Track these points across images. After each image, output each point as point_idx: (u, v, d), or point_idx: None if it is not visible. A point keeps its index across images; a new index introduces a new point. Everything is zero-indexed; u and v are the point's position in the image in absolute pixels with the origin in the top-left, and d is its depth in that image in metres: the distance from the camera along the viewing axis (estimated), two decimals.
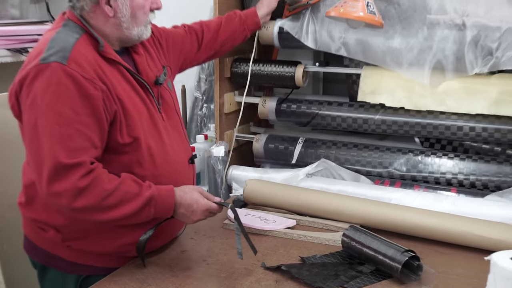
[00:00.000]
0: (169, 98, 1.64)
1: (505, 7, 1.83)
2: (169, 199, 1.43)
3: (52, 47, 1.35)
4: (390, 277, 1.46)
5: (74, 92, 1.32)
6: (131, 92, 1.47)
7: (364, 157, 2.11)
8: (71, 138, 1.31)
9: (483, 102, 1.90)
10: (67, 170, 1.30)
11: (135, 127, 1.44)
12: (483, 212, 1.76)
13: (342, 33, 2.04)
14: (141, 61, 1.58)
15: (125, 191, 1.37)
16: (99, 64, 1.39)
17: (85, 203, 1.33)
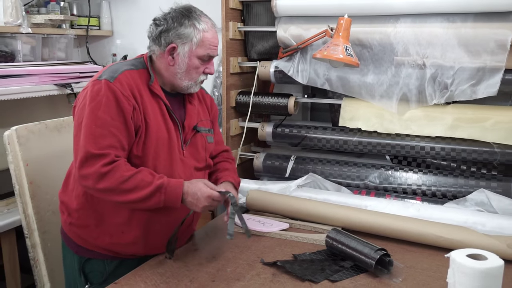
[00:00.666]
0: (202, 146, 1.62)
1: (456, 51, 1.84)
2: (177, 188, 1.40)
3: (107, 70, 1.46)
4: (366, 271, 1.44)
5: (113, 103, 1.38)
6: (160, 121, 1.48)
7: (345, 171, 2.10)
8: (104, 137, 1.37)
9: (441, 127, 1.90)
10: (94, 158, 1.35)
11: (149, 145, 1.45)
12: (442, 217, 1.74)
13: (326, 71, 2.05)
14: (191, 109, 1.60)
15: (140, 179, 1.37)
16: (140, 91, 1.45)
17: (106, 185, 1.35)
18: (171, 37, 1.46)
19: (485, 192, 1.84)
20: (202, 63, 1.51)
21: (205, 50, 1.48)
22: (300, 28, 2.07)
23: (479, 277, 1.08)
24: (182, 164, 1.53)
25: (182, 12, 1.48)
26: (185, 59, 1.48)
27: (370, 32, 1.94)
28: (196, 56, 1.48)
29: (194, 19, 1.47)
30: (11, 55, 2.52)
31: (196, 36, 1.46)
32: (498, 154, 1.86)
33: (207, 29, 1.48)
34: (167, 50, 1.47)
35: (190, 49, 1.47)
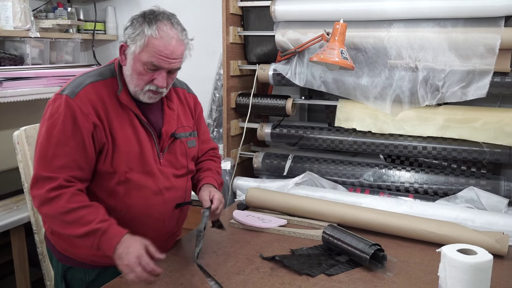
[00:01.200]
0: (181, 153, 1.49)
1: (447, 55, 1.84)
2: (114, 239, 1.23)
3: (71, 84, 1.35)
4: (361, 265, 1.44)
5: (70, 121, 1.28)
6: (129, 133, 1.37)
7: (340, 170, 2.10)
8: (57, 157, 1.27)
9: (433, 127, 1.90)
10: (43, 180, 1.26)
11: (119, 161, 1.34)
12: (434, 213, 1.74)
13: (322, 73, 2.05)
14: (170, 114, 1.47)
15: (82, 215, 1.25)
16: (105, 105, 1.34)
17: (47, 211, 1.27)
18: (125, 36, 1.34)
19: (474, 189, 1.84)
20: (148, 71, 1.33)
21: (148, 57, 1.30)
22: (297, 33, 2.07)
23: (469, 271, 1.09)
24: (160, 174, 1.42)
25: (145, 13, 1.34)
26: (130, 61, 1.33)
27: (364, 36, 1.94)
28: (139, 61, 1.31)
29: (147, 23, 1.30)
30: (20, 58, 2.52)
31: (141, 39, 1.30)
32: (487, 153, 1.87)
33: (157, 36, 1.29)
34: (119, 47, 1.36)
35: (135, 51, 1.31)
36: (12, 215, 2.02)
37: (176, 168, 1.48)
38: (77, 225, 1.25)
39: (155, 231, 1.45)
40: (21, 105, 2.27)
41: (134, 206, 1.39)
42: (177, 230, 1.57)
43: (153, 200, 1.41)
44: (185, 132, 1.52)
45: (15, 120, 2.32)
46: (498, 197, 1.81)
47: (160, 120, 1.46)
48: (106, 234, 1.23)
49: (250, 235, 1.68)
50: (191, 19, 2.73)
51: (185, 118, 1.55)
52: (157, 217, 1.44)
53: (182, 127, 1.51)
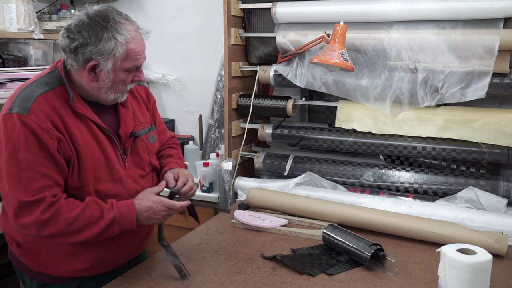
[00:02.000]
0: (144, 150, 1.43)
1: (446, 56, 1.84)
2: (130, 215, 1.24)
3: (18, 99, 1.22)
4: (361, 265, 1.43)
5: (32, 140, 1.17)
6: (91, 143, 1.28)
7: (341, 170, 2.10)
8: (34, 180, 1.17)
9: (432, 128, 1.90)
10: (29, 206, 1.17)
11: (86, 173, 1.26)
12: (433, 213, 1.74)
13: (322, 75, 2.05)
14: (126, 113, 1.39)
15: (89, 215, 1.21)
16: (61, 116, 1.23)
17: (52, 232, 1.19)
18: (90, 53, 1.20)
19: (474, 189, 1.84)
20: (129, 74, 1.29)
21: (131, 63, 1.25)
22: (298, 34, 2.07)
23: (468, 270, 1.08)
24: (128, 178, 1.36)
25: (98, 22, 1.21)
26: (109, 75, 1.24)
27: (364, 38, 1.94)
28: (122, 69, 1.25)
29: (113, 30, 1.21)
30: (24, 60, 2.52)
31: (119, 49, 1.21)
32: (486, 154, 1.86)
33: (130, 39, 1.23)
34: (87, 68, 1.22)
35: (114, 65, 1.23)
36: None
37: (141, 168, 1.43)
38: (89, 226, 1.22)
39: (130, 235, 1.39)
40: None
41: None
42: (151, 230, 1.55)
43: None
44: (144, 128, 1.45)
45: None
46: (497, 197, 1.81)
47: (115, 121, 1.38)
48: (121, 217, 1.24)
49: (251, 235, 1.67)
50: (193, 21, 2.73)
51: (141, 113, 1.47)
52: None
53: (140, 124, 1.44)
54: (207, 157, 2.64)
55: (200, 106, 2.81)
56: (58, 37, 1.27)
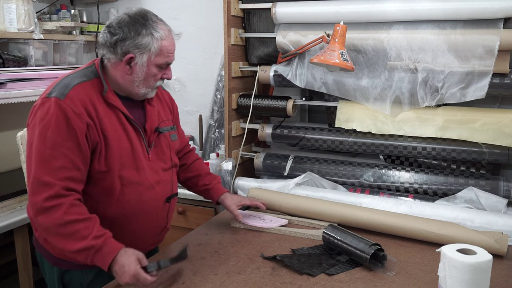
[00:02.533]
0: (166, 146, 1.53)
1: (446, 56, 1.84)
2: (108, 256, 1.24)
3: (58, 86, 1.33)
4: (361, 265, 1.43)
5: (63, 122, 1.27)
6: (119, 131, 1.38)
7: (341, 170, 2.09)
8: (55, 158, 1.26)
9: (432, 128, 1.90)
10: (40, 186, 1.24)
11: (111, 159, 1.35)
12: (433, 213, 1.74)
13: (322, 75, 2.05)
14: (152, 110, 1.50)
15: (78, 229, 1.24)
16: (94, 105, 1.34)
17: (43, 221, 1.24)
18: (128, 46, 1.33)
19: (474, 190, 1.83)
20: (160, 70, 1.40)
21: (163, 59, 1.38)
22: (298, 34, 2.07)
23: (468, 270, 1.08)
24: (150, 169, 1.44)
25: (138, 20, 1.35)
26: (143, 68, 1.36)
27: (364, 38, 1.94)
28: (154, 64, 1.37)
29: (151, 28, 1.34)
30: (24, 60, 2.52)
31: (154, 45, 1.34)
32: (486, 154, 1.86)
33: (165, 37, 1.37)
34: (124, 60, 1.35)
35: (149, 59, 1.35)
36: (16, 215, 2.02)
37: (163, 161, 1.51)
38: (71, 239, 1.24)
39: (149, 225, 1.47)
40: (24, 106, 2.27)
41: (128, 202, 1.39)
42: (167, 223, 1.57)
43: (146, 195, 1.43)
44: (167, 126, 1.56)
45: (19, 121, 2.32)
46: (497, 197, 1.81)
47: (142, 117, 1.48)
48: (100, 251, 1.24)
49: (251, 235, 1.67)
50: (193, 21, 2.73)
51: (164, 113, 1.58)
52: (150, 211, 1.45)
53: (163, 122, 1.54)
54: (207, 157, 2.64)
55: (200, 106, 2.81)
56: (100, 35, 1.39)
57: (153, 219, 1.47)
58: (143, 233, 1.46)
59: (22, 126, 1.79)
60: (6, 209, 2.06)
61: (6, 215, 2.02)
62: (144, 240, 1.48)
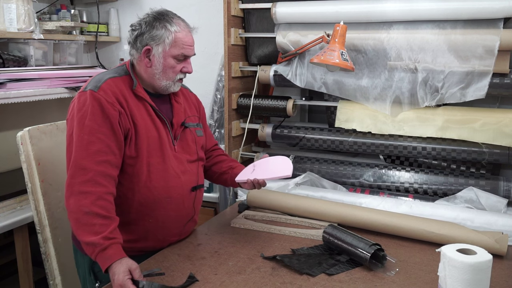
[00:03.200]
0: (192, 140, 1.61)
1: (446, 56, 1.84)
2: (109, 259, 1.27)
3: (92, 81, 1.45)
4: (361, 265, 1.43)
5: (98, 111, 1.38)
6: (148, 121, 1.48)
7: (341, 170, 2.09)
8: (93, 143, 1.36)
9: (432, 128, 1.90)
10: (78, 170, 1.33)
11: (140, 145, 1.44)
12: (433, 213, 1.74)
13: (322, 75, 2.05)
14: (178, 107, 1.59)
15: (95, 223, 1.29)
16: (125, 96, 1.44)
17: (71, 203, 1.32)
18: (146, 39, 1.45)
19: (474, 190, 1.83)
20: (178, 62, 1.49)
21: (179, 50, 1.47)
22: (298, 34, 2.07)
23: (468, 270, 1.08)
24: (175, 159, 1.53)
25: (155, 16, 1.48)
26: (160, 59, 1.47)
27: (364, 38, 1.94)
28: (170, 56, 1.47)
29: (165, 21, 1.46)
30: (24, 60, 2.52)
31: (168, 36, 1.45)
32: (486, 154, 1.86)
33: (179, 30, 1.47)
34: (142, 52, 1.46)
35: (164, 50, 1.45)
36: (16, 215, 2.02)
37: (189, 154, 1.58)
38: (85, 230, 1.30)
39: (176, 213, 1.53)
40: (24, 106, 2.27)
41: (155, 188, 1.47)
42: (194, 214, 1.62)
43: (172, 182, 1.50)
44: (193, 122, 1.64)
45: (19, 121, 2.32)
46: (497, 197, 1.81)
47: (169, 112, 1.57)
48: (103, 252, 1.28)
49: (251, 235, 1.67)
50: (193, 21, 2.71)
51: (191, 110, 1.66)
52: (177, 198, 1.51)
53: (189, 118, 1.63)
54: None
55: None
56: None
57: (180, 207, 1.53)
58: (169, 221, 1.52)
59: (22, 126, 1.79)
60: (6, 209, 2.06)
61: (6, 215, 2.02)
62: (170, 228, 1.54)
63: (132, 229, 1.47)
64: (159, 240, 1.53)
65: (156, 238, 1.52)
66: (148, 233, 1.50)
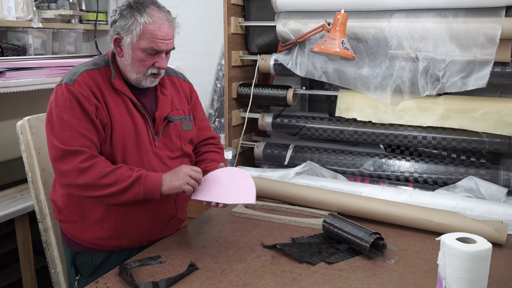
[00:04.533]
0: (176, 135, 1.52)
1: (448, 45, 1.82)
2: (157, 178, 1.34)
3: (68, 73, 1.41)
4: (361, 253, 1.44)
5: (76, 105, 1.34)
6: (125, 116, 1.41)
7: (341, 159, 2.09)
8: (75, 139, 1.33)
9: (433, 117, 1.89)
10: (72, 154, 1.32)
11: (116, 141, 1.39)
12: (433, 202, 1.74)
13: (323, 64, 2.04)
14: (164, 99, 1.51)
15: (120, 173, 1.33)
16: (101, 90, 1.39)
17: (85, 181, 1.31)
18: (117, 28, 1.38)
19: (474, 179, 1.84)
20: (149, 56, 1.39)
21: (147, 43, 1.36)
22: (298, 23, 2.05)
23: (468, 259, 1.08)
24: (154, 156, 1.46)
25: (130, 3, 1.38)
26: (129, 51, 1.38)
27: (365, 26, 1.93)
28: (139, 48, 1.37)
29: (137, 11, 1.36)
30: (22, 49, 2.50)
31: (136, 28, 1.35)
32: (487, 143, 1.86)
33: (150, 21, 1.35)
34: (113, 41, 1.40)
35: (132, 41, 1.37)
36: (16, 204, 2.02)
37: (171, 150, 1.51)
38: (119, 182, 1.32)
39: (154, 212, 1.47)
40: (24, 95, 2.27)
41: None
42: (177, 213, 1.56)
43: None
44: (179, 115, 1.55)
45: (18, 110, 2.32)
46: (497, 186, 1.81)
47: (153, 105, 1.49)
48: (148, 177, 1.34)
49: (251, 224, 1.68)
50: (193, 9, 2.71)
51: (180, 103, 1.57)
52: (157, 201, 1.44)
53: (176, 110, 1.54)
54: None
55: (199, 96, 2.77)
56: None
57: (157, 206, 1.47)
58: (146, 220, 1.47)
59: (21, 115, 1.78)
60: (6, 198, 2.07)
61: (6, 204, 2.03)
62: (148, 227, 1.49)
63: (106, 226, 1.44)
64: (135, 239, 1.49)
65: (132, 236, 1.48)
66: (123, 231, 1.46)
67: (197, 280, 1.28)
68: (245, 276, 1.31)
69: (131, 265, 1.34)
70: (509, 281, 1.29)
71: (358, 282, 1.28)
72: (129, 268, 1.32)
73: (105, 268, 1.42)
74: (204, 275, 1.31)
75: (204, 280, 1.28)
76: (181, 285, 1.25)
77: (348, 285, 1.26)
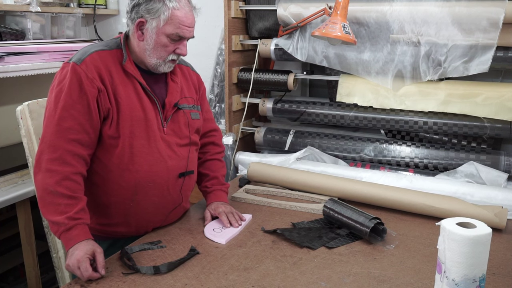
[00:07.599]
0: (184, 123, 1.51)
1: (450, 29, 1.81)
2: (73, 239, 1.25)
3: (78, 52, 1.39)
4: (361, 238, 1.44)
5: (76, 86, 1.32)
6: (134, 100, 1.39)
7: (341, 145, 2.09)
8: (65, 119, 1.30)
9: (434, 102, 1.89)
10: (47, 146, 1.29)
11: (123, 125, 1.37)
12: (434, 188, 1.74)
13: (324, 48, 2.02)
14: (174, 86, 1.50)
15: (60, 203, 1.26)
16: (110, 72, 1.37)
17: (37, 181, 1.28)
18: (141, 11, 1.35)
19: (474, 164, 1.83)
20: (172, 42, 1.38)
21: (173, 29, 1.36)
22: (299, 7, 2.03)
23: (468, 244, 1.08)
24: (163, 142, 1.44)
25: None
26: (153, 35, 1.36)
27: (367, 10, 1.90)
28: (164, 33, 1.36)
29: None
30: (21, 33, 2.48)
31: (165, 12, 1.34)
32: (488, 128, 1.85)
33: (178, 7, 1.35)
34: (136, 24, 1.37)
35: (158, 26, 1.35)
36: (18, 189, 2.03)
37: (179, 137, 1.50)
38: (51, 209, 1.27)
39: (160, 199, 1.45)
40: (23, 80, 2.25)
41: (138, 172, 1.39)
42: (182, 201, 1.54)
43: (157, 167, 1.42)
44: (188, 104, 1.54)
45: (18, 95, 2.31)
46: (498, 171, 1.81)
47: (163, 91, 1.48)
48: (68, 232, 1.25)
49: (251, 209, 1.68)
50: None
51: (188, 91, 1.57)
52: (161, 184, 1.44)
53: (185, 98, 1.53)
54: None
55: None
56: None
57: (164, 193, 1.45)
58: (152, 207, 1.45)
59: (21, 100, 1.77)
60: (7, 183, 2.07)
61: (8, 189, 2.03)
62: (153, 214, 1.47)
63: (112, 212, 1.43)
64: (141, 226, 1.47)
65: (137, 223, 1.46)
66: (129, 217, 1.44)
67: (198, 265, 1.28)
68: (246, 260, 1.31)
69: (132, 250, 1.35)
70: (509, 265, 1.30)
71: (358, 266, 1.29)
72: (130, 252, 1.33)
73: (109, 255, 1.39)
74: (205, 260, 1.31)
75: (205, 264, 1.29)
76: (182, 269, 1.26)
77: (348, 270, 1.27)
